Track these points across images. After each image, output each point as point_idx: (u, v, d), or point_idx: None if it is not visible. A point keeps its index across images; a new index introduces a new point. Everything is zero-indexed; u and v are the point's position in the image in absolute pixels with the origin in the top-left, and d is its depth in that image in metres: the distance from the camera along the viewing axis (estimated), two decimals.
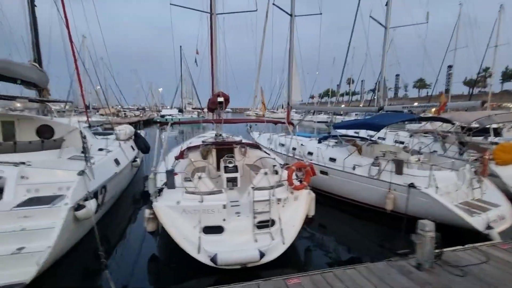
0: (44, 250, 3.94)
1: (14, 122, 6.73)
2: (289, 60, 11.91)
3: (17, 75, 7.07)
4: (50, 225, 4.19)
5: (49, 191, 4.90)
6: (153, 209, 4.49)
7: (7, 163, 5.01)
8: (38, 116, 7.15)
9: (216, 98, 6.99)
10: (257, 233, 4.59)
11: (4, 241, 3.95)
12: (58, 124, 7.06)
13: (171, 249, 4.59)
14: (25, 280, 3.69)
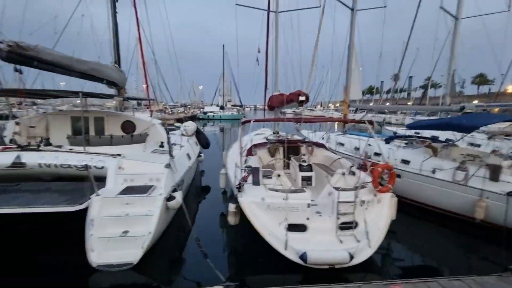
0: (146, 235, 4.33)
1: (104, 118, 7.53)
2: (349, 55, 11.48)
3: (104, 75, 7.88)
4: (148, 213, 4.60)
5: (141, 181, 5.38)
6: (238, 204, 4.68)
7: (107, 154, 5.61)
8: (124, 113, 7.89)
9: (281, 96, 7.02)
10: (340, 234, 4.52)
11: (112, 225, 4.43)
12: (139, 120, 7.72)
13: (251, 244, 4.74)
14: (133, 261, 4.10)
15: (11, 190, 4.95)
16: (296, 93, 6.08)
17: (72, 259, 4.32)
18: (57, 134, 7.32)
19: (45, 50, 5.65)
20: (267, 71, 12.84)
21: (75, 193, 4.86)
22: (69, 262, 4.40)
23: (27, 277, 4.06)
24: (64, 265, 4.37)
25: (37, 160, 5.23)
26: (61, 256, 4.59)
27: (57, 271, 4.23)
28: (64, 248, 4.76)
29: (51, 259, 4.53)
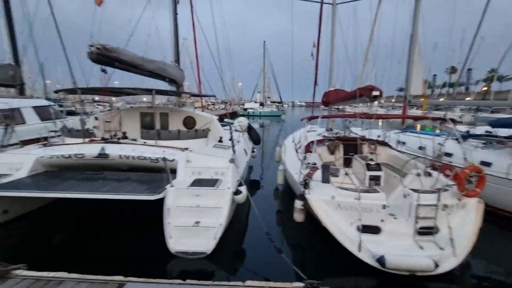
0: (217, 227, 4.50)
1: (168, 113, 8.04)
2: (410, 46, 10.58)
3: (168, 74, 8.38)
4: (217, 205, 4.77)
5: (208, 174, 5.61)
6: (305, 201, 4.61)
7: (177, 148, 5.96)
8: (185, 109, 8.34)
9: (340, 92, 6.72)
10: (419, 240, 4.19)
11: (186, 214, 4.70)
12: (199, 116, 8.08)
13: (318, 242, 4.65)
14: (206, 250, 4.29)
15: (98, 178, 5.53)
16: (367, 87, 5.76)
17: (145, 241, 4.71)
18: (129, 128, 8.01)
19: (124, 51, 6.18)
20: (317, 66, 12.49)
21: (151, 183, 5.25)
22: (146, 245, 4.80)
23: (111, 257, 4.51)
24: (142, 246, 4.78)
25: (118, 152, 5.77)
26: (139, 238, 5.03)
27: (137, 252, 4.63)
28: (139, 230, 5.21)
29: (131, 240, 4.99)
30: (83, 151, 5.78)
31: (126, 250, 4.75)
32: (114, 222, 5.70)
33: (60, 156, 5.77)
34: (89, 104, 28.45)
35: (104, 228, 5.53)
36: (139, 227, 5.52)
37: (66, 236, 5.31)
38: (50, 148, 5.87)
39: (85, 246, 4.82)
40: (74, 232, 5.44)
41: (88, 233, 5.35)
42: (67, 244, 4.99)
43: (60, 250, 4.77)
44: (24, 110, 9.00)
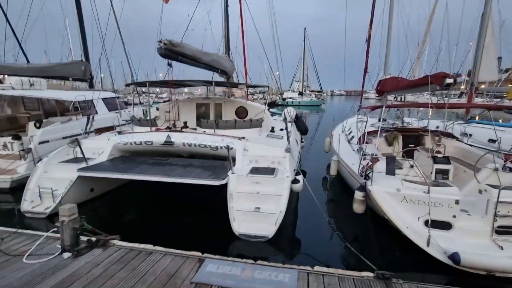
0: (277, 213, 4.68)
1: (222, 104, 8.39)
2: (481, 26, 9.41)
3: (221, 65, 8.68)
4: (277, 193, 4.94)
5: (264, 163, 5.80)
6: (366, 193, 4.54)
7: (234, 137, 6.24)
8: (238, 100, 8.61)
9: (400, 80, 6.30)
10: (497, 239, 3.89)
11: (246, 200, 4.96)
12: (251, 106, 8.28)
13: (381, 234, 4.56)
14: (268, 234, 4.50)
15: (165, 163, 6.08)
16: (439, 75, 5.33)
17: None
18: (185, 118, 8.56)
19: (186, 45, 6.56)
20: (368, 53, 11.80)
21: (213, 169, 5.61)
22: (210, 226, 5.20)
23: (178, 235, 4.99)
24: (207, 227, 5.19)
25: (182, 140, 6.24)
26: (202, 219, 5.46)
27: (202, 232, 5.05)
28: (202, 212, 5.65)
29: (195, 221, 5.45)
30: (151, 138, 6.37)
31: (192, 227, 5.19)
32: (180, 202, 6.26)
33: (133, 143, 6.44)
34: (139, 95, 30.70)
35: (173, 207, 6.13)
36: (202, 207, 5.97)
37: (142, 212, 5.97)
38: (124, 136, 6.57)
39: (158, 222, 5.40)
40: (148, 209, 6.08)
41: (160, 211, 5.96)
42: (143, 219, 5.62)
43: (138, 224, 5.42)
44: (95, 102, 10.12)
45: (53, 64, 10.90)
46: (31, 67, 10.06)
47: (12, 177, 6.45)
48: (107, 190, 6.52)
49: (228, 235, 4.63)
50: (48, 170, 5.93)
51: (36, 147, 6.99)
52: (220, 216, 5.28)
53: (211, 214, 5.59)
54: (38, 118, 11.01)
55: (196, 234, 4.94)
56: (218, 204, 5.70)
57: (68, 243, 3.48)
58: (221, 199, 5.02)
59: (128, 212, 6.01)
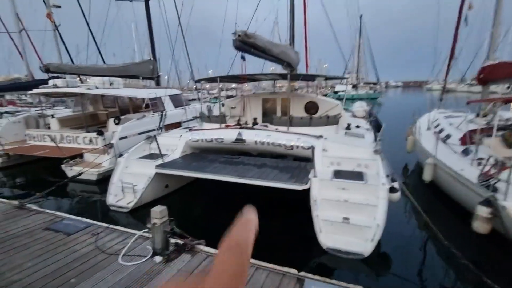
0: (373, 227, 3.97)
1: (290, 99, 7.86)
2: None
3: (289, 57, 8.09)
4: (370, 202, 4.23)
5: (349, 165, 5.11)
6: (497, 208, 3.55)
7: (311, 135, 5.67)
8: (307, 94, 8.00)
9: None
10: None
11: (332, 208, 4.35)
12: (322, 100, 7.59)
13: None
14: (363, 252, 3.83)
15: (237, 162, 5.81)
16: None
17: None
18: (251, 114, 8.26)
19: (259, 37, 6.15)
20: (457, 35, 9.95)
21: (291, 171, 5.13)
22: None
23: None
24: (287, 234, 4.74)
25: (254, 138, 5.90)
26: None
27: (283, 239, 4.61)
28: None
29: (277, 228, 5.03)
30: (222, 135, 6.18)
31: (272, 234, 4.76)
32: (254, 204, 5.88)
33: (204, 140, 6.34)
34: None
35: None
36: (279, 212, 5.50)
37: (215, 212, 5.78)
38: (196, 133, 6.52)
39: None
40: (220, 209, 5.83)
41: (232, 211, 5.71)
42: (217, 220, 5.42)
43: (213, 225, 5.22)
44: (163, 99, 10.53)
45: (126, 64, 11.70)
46: (109, 67, 10.91)
47: (99, 170, 6.94)
48: (179, 187, 6.57)
49: (312, 246, 4.11)
50: (128, 165, 6.17)
51: (117, 142, 7.43)
52: (300, 223, 4.80)
53: (290, 220, 5.11)
54: (115, 115, 11.98)
55: (277, 242, 4.50)
56: (296, 209, 5.23)
57: (159, 246, 3.37)
58: (297, 203, 4.52)
59: (201, 211, 5.89)
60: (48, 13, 12.04)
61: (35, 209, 4.92)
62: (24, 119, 10.18)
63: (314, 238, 4.15)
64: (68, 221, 4.43)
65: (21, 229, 4.19)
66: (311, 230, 4.40)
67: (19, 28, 16.74)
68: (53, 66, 9.48)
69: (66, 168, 7.22)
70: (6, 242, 3.80)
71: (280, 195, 5.21)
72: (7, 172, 8.48)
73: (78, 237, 3.93)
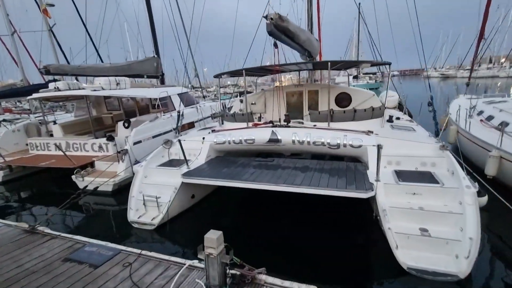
0: (462, 240, 3.29)
1: (318, 91, 7.14)
2: None
3: (311, 45, 7.36)
4: (452, 209, 3.55)
5: (410, 165, 4.43)
6: None
7: (359, 131, 4.97)
8: (339, 85, 7.26)
9: None
10: None
11: (404, 218, 3.67)
12: (355, 91, 6.86)
13: None
14: (457, 273, 3.11)
15: (273, 166, 5.10)
16: None
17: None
18: (273, 110, 7.53)
19: (290, 20, 5.40)
20: (487, 13, 9.21)
21: (342, 174, 4.44)
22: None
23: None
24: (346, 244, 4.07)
25: (291, 137, 5.19)
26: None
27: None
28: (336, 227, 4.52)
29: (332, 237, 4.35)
30: (253, 136, 5.46)
31: (333, 252, 4.08)
32: (293, 212, 5.15)
33: (231, 141, 5.63)
34: None
35: (293, 220, 4.91)
36: (330, 223, 4.80)
37: (253, 224, 5.07)
38: (221, 134, 5.80)
39: (280, 240, 4.43)
40: (258, 220, 5.13)
41: (271, 220, 5.00)
42: (258, 234, 4.73)
43: (255, 240, 4.53)
44: (173, 98, 9.78)
45: (130, 62, 10.90)
46: (113, 66, 10.10)
47: (114, 180, 6.23)
48: (205, 196, 5.87)
49: (386, 265, 3.45)
50: (148, 175, 5.46)
51: (131, 148, 6.70)
52: (360, 235, 4.14)
53: (348, 233, 4.41)
54: (120, 118, 11.21)
55: (340, 261, 3.84)
56: (349, 219, 4.57)
57: (216, 282, 2.68)
58: (348, 211, 3.83)
59: (237, 225, 5.11)
60: (44, 8, 11.14)
61: (49, 233, 4.21)
62: (24, 127, 9.39)
63: (386, 256, 3.49)
64: (90, 248, 3.73)
65: (37, 261, 3.49)
66: (378, 245, 3.74)
67: (11, 30, 15.80)
68: (53, 67, 8.66)
69: (77, 179, 6.50)
70: (22, 281, 3.10)
71: (325, 201, 4.53)
72: (11, 187, 7.73)
73: (107, 270, 3.23)
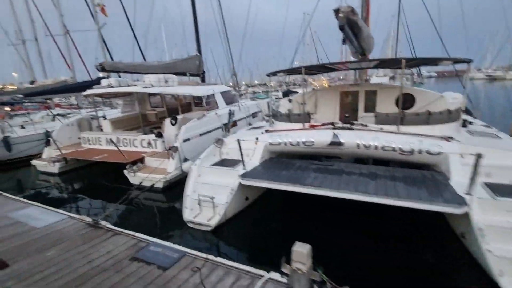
0: None
1: (377, 92, 6.63)
2: None
3: (368, 44, 6.85)
4: None
5: (503, 177, 3.84)
6: None
7: (437, 137, 4.44)
8: (398, 85, 6.71)
9: None
10: None
11: (507, 239, 3.15)
12: (420, 92, 6.26)
13: None
14: None
15: (337, 171, 4.72)
16: None
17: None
18: (324, 110, 7.14)
19: (358, 15, 5.00)
20: None
21: (418, 183, 3.97)
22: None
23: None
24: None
25: (355, 140, 4.79)
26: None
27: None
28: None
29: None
30: (312, 138, 5.14)
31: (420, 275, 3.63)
32: (363, 224, 4.70)
33: (287, 143, 5.35)
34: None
35: (356, 229, 4.47)
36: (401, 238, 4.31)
37: (317, 230, 4.74)
38: (277, 135, 5.54)
39: (353, 252, 4.05)
40: (321, 227, 4.76)
41: (337, 230, 4.61)
42: (327, 242, 4.37)
43: (325, 248, 4.18)
44: (216, 96, 9.73)
45: (175, 60, 11.08)
46: (160, 64, 10.30)
47: (165, 177, 6.23)
48: (257, 197, 5.65)
49: None
50: (201, 174, 5.36)
51: (181, 145, 6.68)
52: (435, 256, 3.65)
53: (420, 249, 3.91)
54: (162, 115, 11.43)
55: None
56: (419, 234, 4.08)
57: None
58: (416, 225, 3.35)
59: (298, 231, 4.73)
60: (102, 7, 11.70)
61: (112, 228, 4.22)
62: (77, 122, 9.89)
63: (475, 281, 3.01)
64: (155, 248, 3.64)
65: (105, 258, 3.46)
66: (464, 268, 3.26)
67: (64, 30, 16.90)
68: (108, 64, 9.01)
69: (129, 175, 6.61)
70: (95, 278, 3.06)
71: (390, 212, 4.07)
72: (66, 178, 8.13)
73: (176, 274, 3.10)
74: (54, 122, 11.83)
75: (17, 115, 13.23)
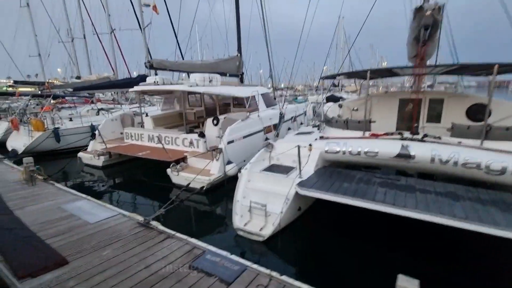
0: None
1: (444, 100, 5.99)
2: None
3: (434, 47, 6.20)
4: None
5: None
6: None
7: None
8: (473, 94, 6.03)
9: None
10: None
11: None
12: (497, 103, 5.53)
13: None
14: None
15: (404, 187, 4.23)
16: None
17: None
18: (379, 118, 6.59)
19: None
20: None
21: (500, 206, 3.38)
22: None
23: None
24: None
25: (429, 153, 4.25)
26: None
27: None
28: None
29: None
30: (377, 148, 4.67)
31: None
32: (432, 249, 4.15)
33: (347, 152, 4.92)
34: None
35: (423, 254, 3.85)
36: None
37: (373, 248, 4.29)
38: (334, 142, 5.13)
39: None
40: (371, 242, 4.31)
41: (398, 252, 4.12)
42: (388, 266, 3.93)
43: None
44: (258, 98, 9.49)
45: (217, 60, 11.04)
46: (203, 63, 10.30)
47: (209, 178, 6.05)
48: (307, 207, 5.26)
49: None
50: (251, 179, 5.08)
51: (225, 147, 6.49)
52: None
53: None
54: (200, 115, 11.42)
55: None
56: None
57: None
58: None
59: (353, 244, 4.32)
60: (154, 5, 12.01)
61: (163, 230, 4.05)
62: (121, 117, 10.13)
63: None
64: (212, 257, 3.39)
65: (163, 263, 3.27)
66: None
67: (110, 29, 17.68)
68: (156, 62, 9.15)
69: (172, 173, 6.53)
70: (156, 286, 2.86)
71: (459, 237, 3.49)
72: (109, 172, 8.29)
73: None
74: (98, 116, 12.29)
75: (64, 107, 13.99)
